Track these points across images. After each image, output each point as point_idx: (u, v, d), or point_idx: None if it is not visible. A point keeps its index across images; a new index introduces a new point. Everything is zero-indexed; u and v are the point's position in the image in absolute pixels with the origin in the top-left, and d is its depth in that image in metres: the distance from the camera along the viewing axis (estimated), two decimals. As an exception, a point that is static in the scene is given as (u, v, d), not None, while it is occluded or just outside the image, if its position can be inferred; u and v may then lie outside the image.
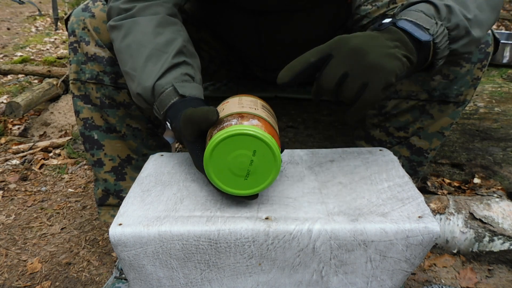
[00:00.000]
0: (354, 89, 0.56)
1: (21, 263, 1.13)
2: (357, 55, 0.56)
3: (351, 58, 0.56)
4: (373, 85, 0.56)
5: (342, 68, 0.56)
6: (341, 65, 0.56)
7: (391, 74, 0.56)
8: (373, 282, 0.59)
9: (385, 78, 0.56)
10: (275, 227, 0.55)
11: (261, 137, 0.54)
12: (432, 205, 1.12)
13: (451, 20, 0.62)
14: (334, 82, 0.57)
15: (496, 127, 1.33)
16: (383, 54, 0.56)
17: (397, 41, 0.59)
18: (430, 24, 0.61)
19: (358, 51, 0.56)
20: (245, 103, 0.63)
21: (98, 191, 0.99)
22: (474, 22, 0.64)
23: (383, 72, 0.55)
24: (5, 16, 5.22)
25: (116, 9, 0.75)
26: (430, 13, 0.62)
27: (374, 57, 0.55)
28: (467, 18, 0.63)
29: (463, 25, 0.62)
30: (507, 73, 1.49)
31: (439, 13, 0.62)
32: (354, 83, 0.56)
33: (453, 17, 0.62)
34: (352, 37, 0.58)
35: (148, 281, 0.59)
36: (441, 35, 0.61)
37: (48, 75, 2.42)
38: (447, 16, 0.62)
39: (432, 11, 0.62)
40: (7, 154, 1.76)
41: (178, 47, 0.72)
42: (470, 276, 1.04)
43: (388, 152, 0.75)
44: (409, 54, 0.59)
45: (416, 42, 0.60)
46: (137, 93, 0.71)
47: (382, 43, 0.57)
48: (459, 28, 0.62)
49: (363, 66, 0.55)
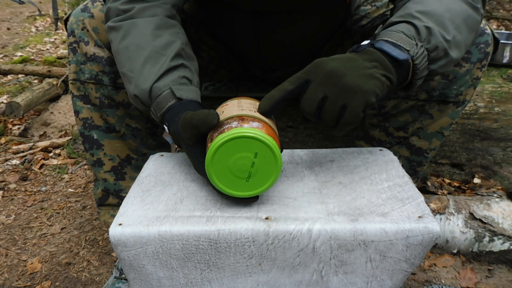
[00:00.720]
0: (334, 112, 0.57)
1: (21, 263, 1.13)
2: (334, 78, 0.56)
3: (328, 81, 0.57)
4: (351, 106, 0.56)
5: (321, 92, 0.57)
6: (319, 89, 0.57)
7: (370, 94, 0.56)
8: (373, 282, 0.59)
9: (364, 99, 0.56)
10: (275, 227, 0.55)
11: (263, 139, 0.54)
12: (432, 205, 1.12)
13: (431, 41, 0.63)
14: (315, 106, 0.58)
15: (496, 127, 1.33)
16: (361, 75, 0.56)
17: (375, 61, 0.59)
18: (410, 45, 0.62)
19: (335, 74, 0.56)
20: (244, 105, 0.63)
21: (98, 191, 0.99)
22: (452, 43, 0.65)
23: (361, 93, 0.56)
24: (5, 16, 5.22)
25: (115, 10, 0.75)
26: (411, 34, 0.63)
27: (351, 79, 0.56)
28: (446, 40, 0.64)
29: (442, 46, 0.64)
30: (507, 73, 1.49)
31: (419, 35, 0.63)
32: (334, 105, 0.57)
33: (432, 39, 0.63)
34: (329, 61, 0.58)
35: (148, 281, 0.59)
36: (421, 56, 0.62)
37: (48, 75, 2.42)
38: (427, 37, 0.63)
39: (413, 32, 0.63)
40: (7, 154, 1.76)
41: (176, 50, 0.72)
42: (470, 276, 1.04)
43: (388, 152, 0.75)
44: (388, 74, 0.59)
45: (395, 61, 0.60)
46: (134, 95, 0.71)
47: (359, 64, 0.58)
48: (438, 49, 0.64)
49: (341, 88, 0.56)
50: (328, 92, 0.57)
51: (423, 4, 0.67)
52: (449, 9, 0.66)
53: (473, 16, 0.69)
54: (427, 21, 0.64)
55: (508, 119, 1.33)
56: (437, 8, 0.66)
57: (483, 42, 0.81)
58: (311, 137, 1.30)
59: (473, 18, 0.69)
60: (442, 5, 0.67)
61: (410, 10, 0.66)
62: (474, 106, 1.36)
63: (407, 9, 0.67)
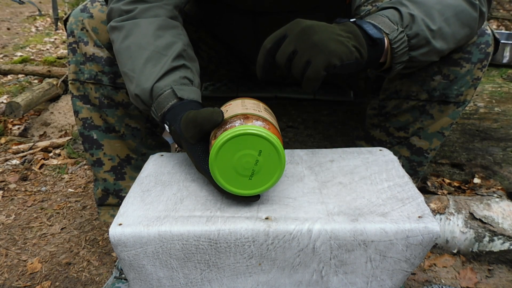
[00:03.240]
0: (300, 66, 0.60)
1: (21, 263, 1.13)
2: (306, 35, 0.59)
3: (300, 37, 0.60)
4: (315, 62, 0.59)
5: (292, 46, 0.60)
6: (292, 43, 0.60)
7: (334, 55, 0.59)
8: (373, 282, 0.59)
9: (327, 58, 0.58)
10: (275, 227, 0.55)
11: (267, 137, 0.55)
12: (432, 205, 1.12)
13: (412, 28, 0.65)
14: (285, 58, 0.60)
15: (496, 127, 1.33)
16: (331, 38, 0.59)
17: (350, 33, 0.62)
18: (391, 29, 0.64)
19: (307, 31, 0.59)
20: (248, 105, 0.63)
21: (98, 191, 0.99)
22: (438, 33, 0.67)
23: (326, 52, 0.58)
24: (5, 16, 5.22)
25: (117, 10, 0.75)
26: (394, 19, 0.65)
27: (320, 38, 0.59)
28: (430, 29, 0.66)
29: (423, 35, 0.66)
30: (507, 73, 1.49)
31: (402, 20, 0.65)
32: (300, 59, 0.60)
33: (414, 26, 0.65)
34: (307, 20, 0.61)
35: (148, 281, 0.59)
36: (400, 41, 0.65)
37: (48, 75, 2.42)
38: (409, 24, 0.65)
39: (397, 18, 0.65)
40: (7, 154, 1.76)
41: (178, 50, 0.73)
42: (470, 276, 1.04)
43: (388, 152, 0.75)
44: (359, 47, 0.62)
45: (370, 39, 0.63)
46: (135, 94, 0.71)
47: (333, 30, 0.61)
48: (419, 37, 0.66)
49: (309, 45, 0.59)
50: (298, 47, 0.59)
51: None
52: (441, 1, 0.68)
53: (468, 11, 0.70)
54: (414, 9, 0.66)
55: (508, 119, 1.33)
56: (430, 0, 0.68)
57: (483, 42, 0.81)
58: (311, 137, 1.30)
59: (467, 13, 0.70)
60: None
61: None
62: (474, 106, 1.36)
63: None
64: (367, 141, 0.99)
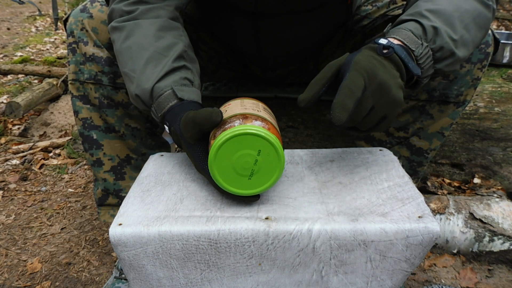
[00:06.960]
0: (375, 121, 0.60)
1: (21, 263, 1.13)
2: (383, 91, 0.59)
3: (377, 93, 0.59)
4: (391, 117, 0.61)
5: (371, 102, 0.59)
6: (369, 99, 0.59)
7: (402, 105, 0.61)
8: (373, 282, 0.59)
9: (399, 110, 0.61)
10: (275, 227, 0.55)
11: (266, 136, 0.55)
12: (432, 205, 1.12)
13: (436, 42, 0.64)
14: (365, 114, 0.59)
15: (496, 127, 1.33)
16: (397, 87, 0.60)
17: (398, 71, 0.62)
18: (416, 44, 0.63)
19: (383, 88, 0.58)
20: (247, 105, 0.63)
21: (98, 191, 0.99)
22: (459, 42, 0.66)
23: (399, 105, 0.60)
24: (5, 16, 5.22)
25: (119, 11, 0.76)
26: (418, 33, 0.64)
27: (394, 93, 0.59)
28: (453, 39, 0.65)
29: (447, 47, 0.65)
30: (507, 73, 1.49)
31: (425, 34, 0.64)
32: (377, 115, 0.60)
33: (438, 39, 0.64)
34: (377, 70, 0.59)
35: (148, 281, 0.59)
36: (425, 56, 0.64)
37: (48, 75, 2.42)
38: (433, 37, 0.64)
39: (420, 32, 0.64)
40: (7, 154, 1.76)
41: (179, 51, 0.73)
42: (470, 276, 1.04)
43: (388, 152, 0.75)
44: (403, 83, 0.62)
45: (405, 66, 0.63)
46: (136, 95, 0.71)
47: (394, 74, 0.61)
48: (444, 50, 0.65)
49: (387, 101, 0.59)
50: (376, 103, 0.59)
51: (433, 2, 0.67)
52: (458, 7, 0.67)
53: (484, 13, 0.69)
54: (435, 20, 0.65)
55: (508, 119, 1.33)
56: (447, 7, 0.67)
57: (483, 42, 0.81)
58: (311, 137, 1.30)
59: (483, 16, 0.69)
60: (452, 4, 0.67)
61: (420, 9, 0.67)
62: (474, 106, 1.36)
63: (418, 7, 0.68)
64: (367, 141, 0.99)
